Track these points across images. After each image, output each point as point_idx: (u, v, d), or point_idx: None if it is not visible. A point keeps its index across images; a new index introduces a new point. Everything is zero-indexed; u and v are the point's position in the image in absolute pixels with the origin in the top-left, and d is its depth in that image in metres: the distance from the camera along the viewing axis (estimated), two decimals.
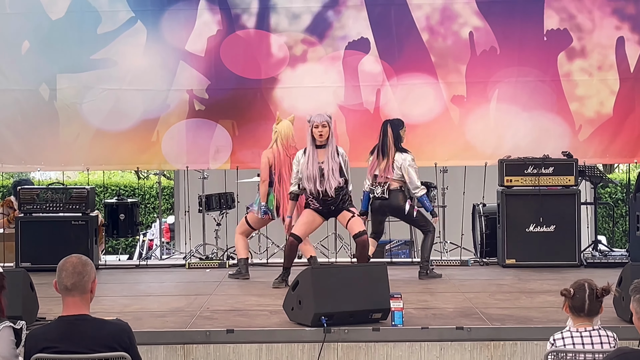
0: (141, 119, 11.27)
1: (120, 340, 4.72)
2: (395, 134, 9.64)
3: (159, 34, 11.27)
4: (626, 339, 5.95)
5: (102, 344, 4.67)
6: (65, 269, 4.67)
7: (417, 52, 11.24)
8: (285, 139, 9.65)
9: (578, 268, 10.35)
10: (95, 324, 4.72)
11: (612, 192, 19.54)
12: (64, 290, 4.68)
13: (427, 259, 9.72)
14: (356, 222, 9.06)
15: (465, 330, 6.91)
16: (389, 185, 9.55)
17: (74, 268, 4.67)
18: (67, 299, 4.70)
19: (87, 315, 4.71)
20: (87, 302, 4.73)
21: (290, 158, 9.54)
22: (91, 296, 4.76)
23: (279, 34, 11.31)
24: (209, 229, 11.72)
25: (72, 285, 4.65)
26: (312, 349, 6.80)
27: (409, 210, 9.59)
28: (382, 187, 9.58)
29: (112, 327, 4.76)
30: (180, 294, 9.03)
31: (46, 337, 4.71)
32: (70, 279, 4.65)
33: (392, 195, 9.57)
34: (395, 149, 9.59)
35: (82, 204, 10.64)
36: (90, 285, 4.72)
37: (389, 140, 9.61)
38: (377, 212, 9.78)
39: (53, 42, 11.25)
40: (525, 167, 10.63)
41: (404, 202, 9.61)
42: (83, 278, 4.67)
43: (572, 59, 11.21)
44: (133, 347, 4.79)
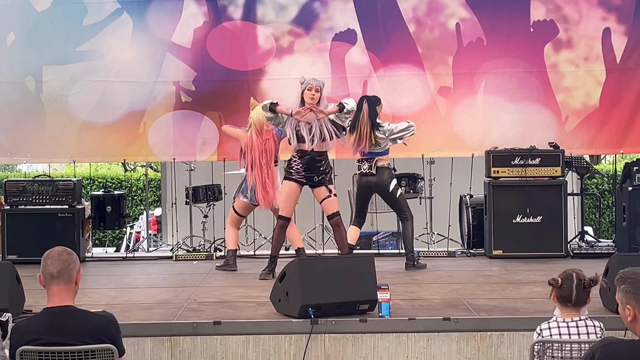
0: (128, 111, 11.25)
1: (106, 332, 4.71)
2: (371, 111, 9.51)
3: (145, 25, 11.25)
4: (612, 329, 5.97)
5: (88, 335, 4.66)
6: (51, 257, 4.68)
7: (404, 43, 11.24)
8: (259, 125, 9.54)
9: (565, 259, 10.38)
10: (81, 316, 4.71)
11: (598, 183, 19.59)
12: (50, 279, 4.67)
13: (412, 249, 9.70)
14: (332, 203, 9.10)
15: (452, 321, 6.92)
16: (375, 162, 9.52)
17: (60, 256, 4.69)
18: (53, 288, 4.68)
19: (72, 307, 4.71)
20: (72, 293, 4.73)
21: (264, 143, 9.51)
22: (76, 289, 4.76)
23: (266, 26, 11.30)
24: (196, 221, 11.71)
25: (58, 272, 4.65)
26: (299, 340, 6.80)
27: (393, 189, 9.55)
28: (369, 163, 9.54)
29: (98, 319, 4.75)
30: (167, 286, 9.02)
31: (32, 330, 4.70)
32: (56, 265, 4.65)
33: (379, 171, 9.51)
34: (370, 125, 9.43)
35: (68, 196, 10.61)
36: (75, 274, 4.71)
37: (362, 117, 9.45)
38: (362, 189, 9.71)
39: (39, 34, 11.21)
40: (512, 158, 10.64)
41: (390, 180, 9.57)
42: (69, 266, 4.67)
43: (558, 50, 11.23)
44: (119, 339, 4.79)
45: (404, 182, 11.13)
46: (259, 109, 9.63)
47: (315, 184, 9.10)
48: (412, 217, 9.72)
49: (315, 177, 9.05)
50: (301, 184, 9.09)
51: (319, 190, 9.12)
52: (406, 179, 11.20)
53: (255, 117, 9.58)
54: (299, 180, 9.06)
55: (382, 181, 9.54)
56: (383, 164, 9.55)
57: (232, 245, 9.91)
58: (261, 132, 9.52)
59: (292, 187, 9.08)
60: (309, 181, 9.07)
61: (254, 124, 9.57)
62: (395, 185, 9.62)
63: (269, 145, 9.52)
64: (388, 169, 9.61)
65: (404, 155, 10.79)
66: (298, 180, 9.06)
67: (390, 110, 10.96)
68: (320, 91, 8.99)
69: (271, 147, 9.53)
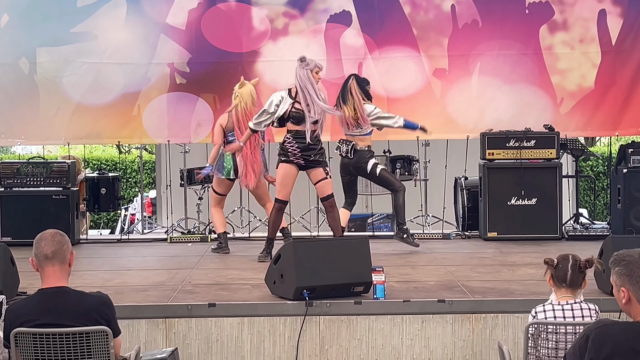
0: (122, 93, 11.22)
1: (101, 312, 4.73)
2: (360, 86, 9.49)
3: (139, 6, 11.21)
4: (607, 312, 5.98)
5: (83, 316, 4.68)
6: (44, 239, 4.72)
7: (399, 25, 11.22)
8: (246, 105, 9.60)
9: (559, 241, 10.39)
10: (75, 296, 4.73)
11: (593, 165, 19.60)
12: (44, 260, 4.69)
13: (404, 221, 9.67)
14: (327, 184, 9.08)
15: (446, 303, 6.93)
16: (354, 145, 9.48)
17: (53, 237, 4.73)
18: (47, 269, 4.71)
19: (67, 288, 4.73)
20: (66, 274, 4.75)
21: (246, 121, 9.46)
22: (69, 270, 4.77)
23: (260, 7, 11.26)
24: (190, 203, 11.70)
25: (52, 253, 4.69)
26: (294, 322, 6.80)
27: (371, 169, 9.52)
28: (347, 146, 9.50)
29: (92, 299, 4.76)
30: (162, 268, 9.01)
31: (26, 311, 4.72)
32: (50, 246, 4.69)
33: (356, 155, 9.46)
34: (360, 98, 9.41)
35: (62, 178, 10.59)
36: (68, 255, 4.75)
37: (351, 89, 9.40)
38: (342, 170, 9.68)
39: (32, 15, 11.17)
40: (507, 140, 10.63)
41: (366, 160, 9.49)
42: (62, 247, 4.72)
43: (554, 31, 11.22)
44: (113, 319, 4.80)
45: (399, 165, 11.12)
46: (250, 87, 9.63)
47: (311, 164, 9.03)
48: (404, 187, 9.63)
49: (312, 156, 9.00)
50: (298, 165, 9.03)
51: (316, 172, 9.06)
52: (401, 161, 11.19)
53: (245, 97, 9.59)
54: (295, 162, 9.00)
55: (358, 163, 9.48)
56: (362, 147, 9.50)
57: (221, 227, 9.89)
58: (249, 114, 9.50)
59: (287, 169, 9.02)
60: (306, 161, 9.02)
61: (242, 101, 9.58)
62: (374, 164, 9.51)
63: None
64: (367, 151, 9.52)
65: (398, 137, 10.77)
66: (295, 162, 9.00)
67: (385, 92, 10.94)
68: (319, 69, 9.05)
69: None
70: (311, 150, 8.97)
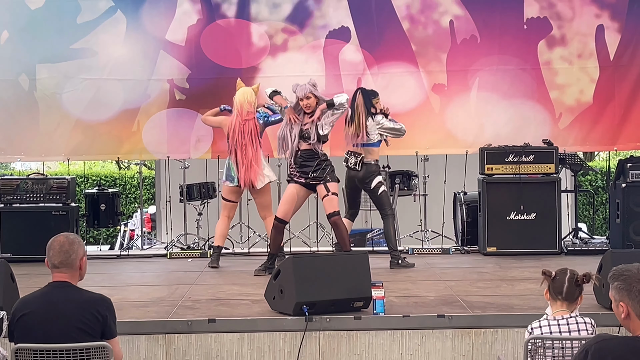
0: (122, 109, 11.25)
1: (98, 307, 4.81)
2: (365, 101, 9.59)
3: (139, 23, 11.24)
4: (606, 326, 6.00)
5: (80, 307, 4.78)
6: (53, 248, 4.87)
7: (397, 40, 11.25)
8: (240, 106, 9.65)
9: (559, 255, 10.40)
10: (77, 290, 4.87)
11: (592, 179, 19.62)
12: (53, 267, 4.87)
13: (395, 247, 9.69)
14: (330, 202, 9.04)
15: (446, 318, 6.93)
16: (362, 158, 9.52)
17: (61, 247, 4.86)
18: (55, 274, 4.88)
19: (72, 284, 4.87)
20: (75, 276, 4.88)
21: (244, 124, 9.55)
22: (80, 273, 4.92)
23: (260, 23, 11.30)
24: (190, 218, 11.71)
25: (59, 263, 4.84)
26: (293, 337, 6.80)
27: (375, 186, 9.54)
28: (356, 159, 9.56)
29: (92, 294, 4.90)
30: (161, 283, 9.01)
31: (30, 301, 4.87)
32: (57, 257, 4.85)
33: (363, 168, 9.51)
34: (366, 114, 9.53)
35: (62, 194, 10.61)
36: (78, 262, 4.88)
37: (357, 105, 9.55)
38: (348, 182, 9.76)
39: (32, 31, 11.20)
40: (505, 155, 10.65)
41: (373, 176, 9.55)
42: (70, 256, 4.84)
43: (552, 47, 11.25)
44: (111, 318, 4.85)
45: (398, 180, 11.15)
46: (243, 90, 9.69)
47: (313, 181, 9.05)
48: (393, 214, 9.72)
49: (310, 174, 9.03)
50: (301, 184, 9.08)
51: (319, 189, 9.09)
52: (400, 176, 11.21)
53: (238, 100, 9.66)
54: (297, 181, 9.07)
55: (365, 177, 9.54)
56: (370, 160, 9.56)
57: (217, 240, 9.91)
58: (241, 113, 9.60)
59: (292, 188, 9.11)
60: (307, 179, 9.04)
61: (235, 104, 9.66)
62: (379, 182, 9.60)
63: (249, 125, 9.58)
64: (374, 165, 9.60)
65: (398, 152, 10.80)
66: (297, 181, 9.07)
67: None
68: (313, 95, 8.99)
69: (251, 127, 9.58)
70: (308, 166, 8.98)
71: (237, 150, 9.60)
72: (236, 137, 9.58)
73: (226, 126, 9.72)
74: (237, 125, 9.59)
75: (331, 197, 9.05)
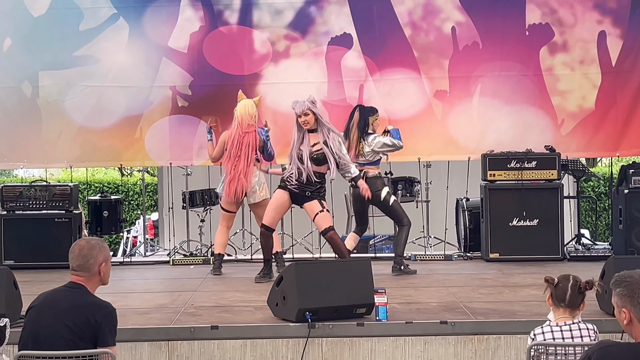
0: (124, 116, 11.26)
1: (95, 312, 4.83)
2: (361, 120, 9.55)
3: (141, 30, 11.26)
4: (609, 332, 5.99)
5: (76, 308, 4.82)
6: (73, 251, 4.94)
7: (399, 47, 11.26)
8: (240, 118, 9.66)
9: (561, 262, 10.39)
10: (86, 293, 4.91)
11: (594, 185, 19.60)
12: (71, 270, 4.95)
13: (401, 254, 9.68)
14: (323, 218, 8.87)
15: (449, 325, 6.93)
16: (365, 173, 9.49)
17: (80, 251, 4.92)
18: (72, 277, 4.94)
19: (83, 286, 4.91)
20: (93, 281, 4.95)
21: (243, 136, 9.57)
22: (101, 278, 4.99)
23: (262, 30, 11.31)
24: (192, 225, 11.72)
25: (77, 266, 4.92)
26: (296, 344, 6.80)
27: (385, 197, 9.54)
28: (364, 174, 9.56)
29: (97, 300, 4.93)
30: (164, 290, 9.02)
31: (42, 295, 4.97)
32: (75, 261, 4.93)
33: (368, 182, 9.36)
34: (358, 134, 9.49)
35: (65, 201, 10.62)
36: (96, 267, 4.93)
37: (352, 124, 9.53)
38: (355, 199, 9.71)
39: (35, 39, 11.22)
40: (508, 161, 10.65)
41: (381, 187, 9.54)
42: (88, 261, 4.90)
43: (554, 53, 11.25)
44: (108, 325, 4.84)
45: (401, 186, 11.15)
46: (244, 102, 9.71)
47: (307, 198, 8.90)
48: (410, 224, 9.69)
49: (307, 192, 8.90)
50: (290, 192, 8.90)
51: (311, 205, 8.88)
52: (402, 182, 11.22)
53: (239, 112, 9.69)
54: (288, 187, 8.88)
55: (373, 191, 9.48)
56: (374, 174, 9.54)
57: (218, 248, 9.93)
58: (242, 125, 9.60)
59: (278, 195, 8.98)
60: (301, 191, 8.88)
61: (236, 116, 9.66)
62: (388, 192, 9.58)
63: (248, 138, 9.57)
64: (379, 179, 9.58)
65: (400, 158, 10.80)
66: (288, 187, 8.89)
67: (387, 114, 10.95)
68: (311, 112, 8.81)
69: (249, 141, 9.57)
70: (309, 184, 8.86)
71: (230, 162, 9.60)
72: (233, 148, 9.59)
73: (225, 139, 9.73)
74: (237, 137, 9.59)
75: (325, 213, 8.90)
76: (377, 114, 9.71)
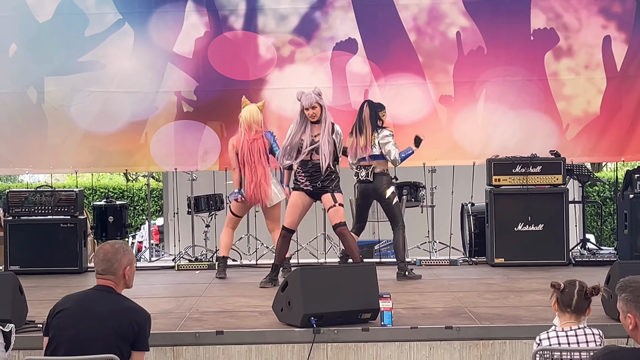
0: (129, 121, 11.27)
1: (136, 318, 4.89)
2: (372, 113, 9.60)
3: (146, 36, 11.27)
4: (614, 337, 5.99)
5: (118, 312, 4.85)
6: (97, 255, 5.00)
7: (404, 52, 11.26)
8: (246, 124, 9.75)
9: (567, 267, 10.38)
10: (119, 296, 4.95)
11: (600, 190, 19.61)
12: (97, 274, 4.98)
13: (403, 259, 9.67)
14: (336, 212, 9.05)
15: (454, 330, 6.93)
16: (373, 169, 9.52)
17: (105, 255, 4.96)
18: (98, 280, 4.97)
19: (115, 289, 4.95)
20: (119, 284, 4.97)
21: (251, 142, 9.65)
22: (126, 281, 5.00)
23: (267, 35, 11.32)
24: (198, 230, 11.72)
25: (102, 270, 4.95)
26: (301, 349, 6.80)
27: (389, 196, 9.55)
28: (367, 170, 9.56)
29: (134, 304, 4.96)
30: (169, 295, 9.03)
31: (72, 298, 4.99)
32: (100, 265, 4.97)
33: (376, 178, 9.49)
34: (372, 127, 9.54)
35: (70, 206, 10.63)
36: (121, 271, 4.95)
37: (364, 118, 9.56)
38: (360, 195, 9.74)
39: (40, 44, 11.23)
40: (513, 166, 10.65)
41: (387, 186, 9.57)
42: (112, 265, 4.93)
43: (559, 58, 11.25)
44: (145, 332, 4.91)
45: (406, 191, 11.15)
46: (249, 108, 9.75)
47: (320, 190, 9.08)
48: (404, 226, 9.68)
49: (319, 183, 9.05)
50: (308, 192, 9.10)
51: (325, 197, 9.10)
52: (408, 187, 11.22)
53: (244, 117, 9.77)
54: (304, 189, 9.09)
55: (379, 187, 9.53)
56: (381, 170, 9.57)
57: (223, 251, 9.97)
58: (249, 131, 9.70)
59: (296, 197, 9.15)
60: (314, 188, 9.06)
61: (242, 122, 9.74)
62: (393, 192, 9.59)
63: (257, 144, 9.67)
64: (386, 175, 9.61)
65: (405, 163, 10.77)
66: (304, 189, 9.09)
67: (391, 118, 10.93)
68: (319, 105, 9.03)
69: (259, 146, 9.66)
70: (318, 176, 9.00)
71: (246, 168, 9.66)
72: (245, 155, 9.65)
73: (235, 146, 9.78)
74: (245, 143, 9.67)
75: (338, 207, 9.05)
76: (385, 110, 9.73)
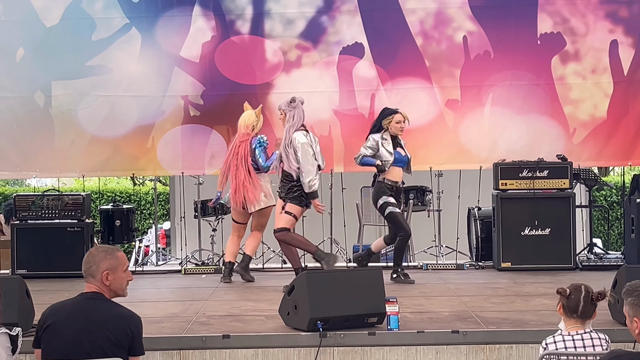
0: (136, 125, 11.29)
1: (129, 324, 4.88)
2: (375, 121, 9.70)
3: (153, 40, 11.29)
4: (621, 342, 5.97)
5: (111, 320, 4.83)
6: (85, 257, 5.00)
7: (411, 56, 11.26)
8: (238, 128, 9.95)
9: (573, 271, 10.37)
10: (109, 303, 4.93)
11: (607, 194, 19.57)
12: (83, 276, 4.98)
13: (399, 264, 9.64)
14: (281, 218, 9.31)
15: (460, 334, 6.92)
16: (376, 176, 9.55)
17: (86, 257, 4.98)
18: (86, 285, 4.97)
19: (103, 295, 4.93)
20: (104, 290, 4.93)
21: (238, 146, 9.79)
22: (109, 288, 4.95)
23: (274, 40, 11.33)
24: (204, 234, 11.73)
25: (83, 272, 4.96)
26: (308, 353, 6.80)
27: (380, 206, 9.52)
28: (373, 177, 9.62)
29: (124, 310, 4.95)
30: (176, 299, 9.03)
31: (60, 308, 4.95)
32: (82, 267, 4.97)
33: (374, 185, 9.62)
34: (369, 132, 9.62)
35: (77, 210, 10.64)
36: (99, 274, 4.91)
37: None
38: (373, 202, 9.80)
39: (48, 49, 11.26)
40: (520, 170, 10.64)
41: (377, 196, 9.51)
42: (90, 267, 4.92)
43: (566, 62, 11.24)
44: (139, 336, 4.91)
45: (412, 195, 11.15)
46: (245, 112, 9.84)
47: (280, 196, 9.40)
48: (409, 235, 9.65)
49: (279, 189, 9.39)
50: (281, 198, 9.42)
51: (278, 203, 9.43)
52: (414, 191, 11.22)
53: (239, 121, 9.96)
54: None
55: (373, 196, 9.61)
56: (380, 178, 9.53)
57: (228, 256, 10.02)
58: (239, 135, 9.89)
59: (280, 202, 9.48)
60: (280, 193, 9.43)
61: (238, 126, 9.84)
62: (385, 202, 9.46)
63: (243, 147, 9.79)
64: (379, 183, 9.54)
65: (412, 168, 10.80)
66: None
67: None
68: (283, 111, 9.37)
69: (244, 149, 9.78)
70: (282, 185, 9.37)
71: (230, 171, 9.76)
72: (230, 158, 9.79)
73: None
74: (234, 146, 9.79)
75: (284, 214, 9.27)
76: (390, 116, 9.62)
